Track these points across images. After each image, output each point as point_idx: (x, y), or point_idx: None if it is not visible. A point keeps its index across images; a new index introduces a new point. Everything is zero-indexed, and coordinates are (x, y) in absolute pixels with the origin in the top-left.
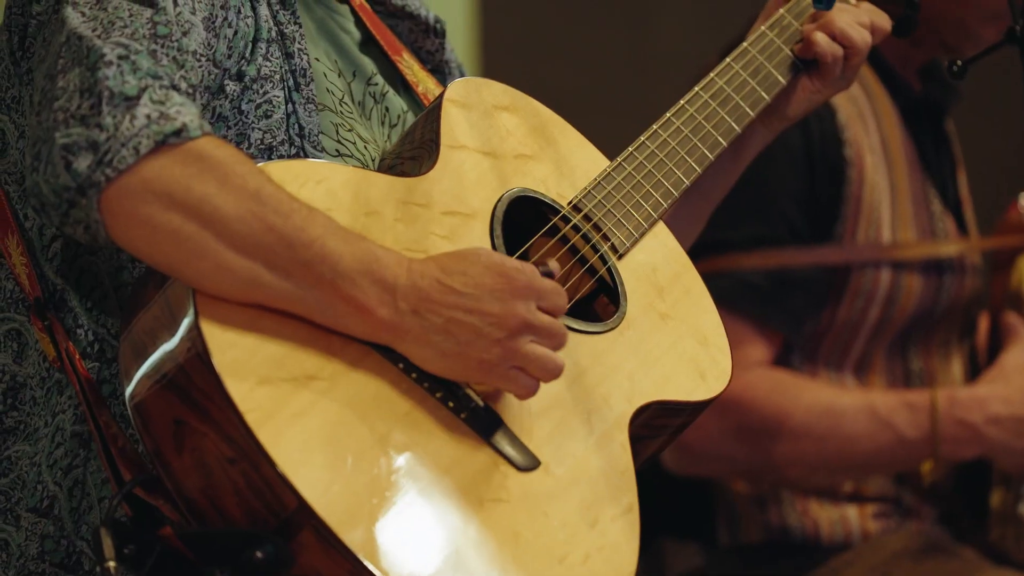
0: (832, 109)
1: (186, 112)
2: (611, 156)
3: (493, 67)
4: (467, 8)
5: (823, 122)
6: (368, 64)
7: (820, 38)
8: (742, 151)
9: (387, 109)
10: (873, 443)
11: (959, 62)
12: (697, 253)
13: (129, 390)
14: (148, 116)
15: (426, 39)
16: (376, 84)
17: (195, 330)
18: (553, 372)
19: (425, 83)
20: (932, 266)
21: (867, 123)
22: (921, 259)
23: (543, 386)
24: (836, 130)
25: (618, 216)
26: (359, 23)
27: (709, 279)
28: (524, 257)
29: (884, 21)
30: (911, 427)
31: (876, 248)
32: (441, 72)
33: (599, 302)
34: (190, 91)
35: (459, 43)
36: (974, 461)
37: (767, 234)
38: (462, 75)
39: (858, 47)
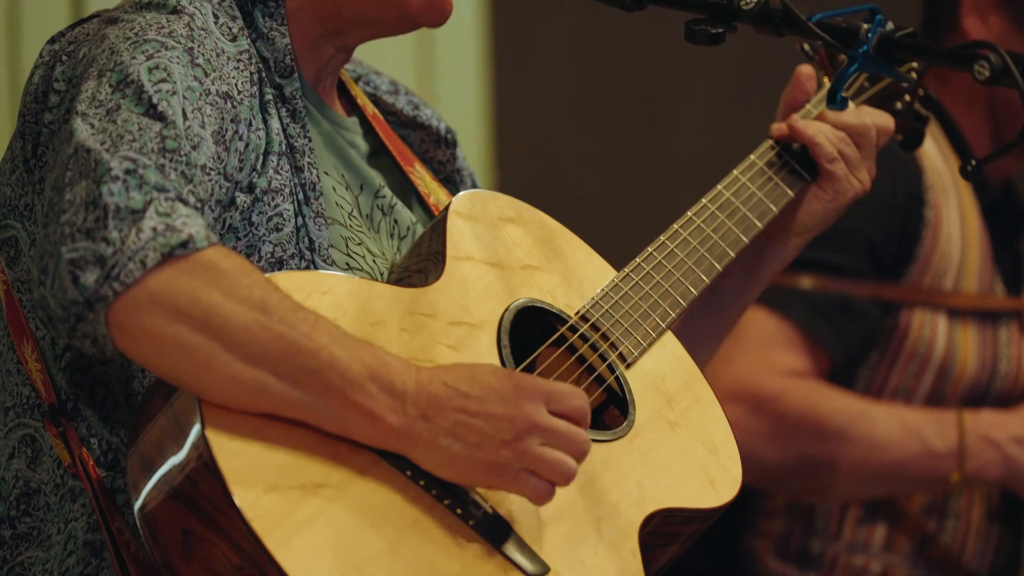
0: (920, 169)
1: (192, 224)
2: (628, 261)
3: (508, 174)
4: (481, 113)
5: (910, 177)
6: (376, 177)
7: (818, 134)
8: (761, 268)
9: (396, 221)
10: (902, 452)
11: (973, 162)
12: None
13: (137, 502)
14: (154, 229)
15: (437, 149)
16: (384, 197)
17: (202, 440)
18: (565, 475)
19: (437, 194)
20: (989, 353)
21: (950, 198)
22: (978, 351)
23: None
24: (921, 189)
25: (626, 325)
26: (369, 134)
27: (769, 290)
28: (531, 367)
29: (887, 121)
30: (939, 439)
31: (934, 293)
32: (453, 182)
33: (608, 412)
34: (198, 205)
35: (473, 150)
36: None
37: (835, 263)
38: (474, 184)
39: (856, 128)
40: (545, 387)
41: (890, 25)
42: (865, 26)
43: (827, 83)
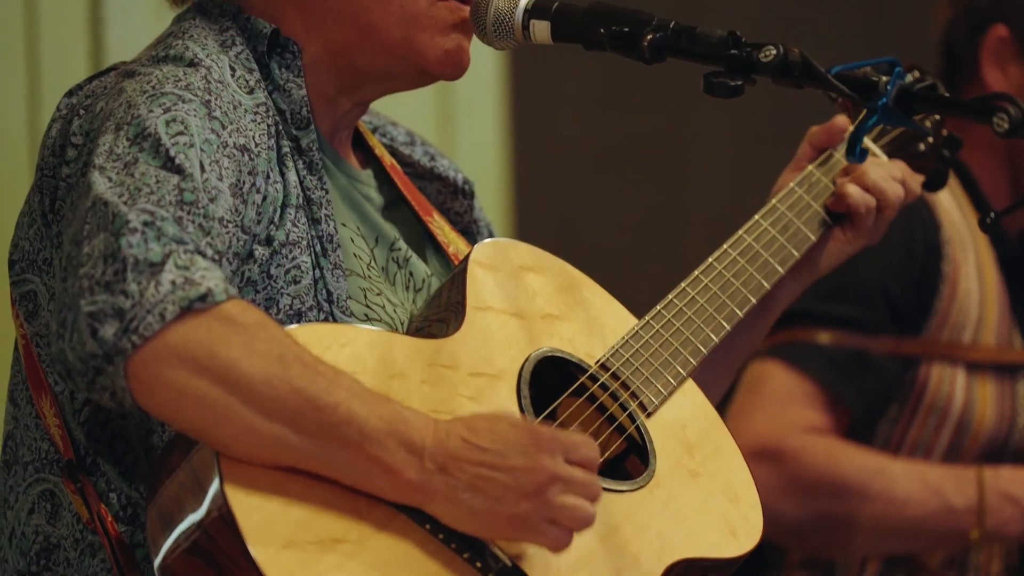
0: (937, 223)
1: (211, 276)
2: (647, 312)
3: (527, 225)
4: (500, 163)
5: (928, 231)
6: (391, 230)
7: (853, 190)
8: (771, 305)
9: (411, 274)
10: (921, 508)
11: (992, 214)
12: (780, 321)
13: (157, 557)
14: (173, 282)
15: (454, 200)
16: (399, 250)
17: (220, 495)
18: (585, 521)
19: (456, 244)
20: (1007, 407)
21: (968, 251)
22: (996, 406)
23: (573, 544)
24: (939, 243)
25: (646, 374)
26: (385, 185)
27: (787, 346)
28: (551, 416)
29: (915, 183)
30: (959, 495)
31: (953, 346)
32: (470, 233)
33: (629, 461)
34: (216, 257)
35: (493, 201)
36: None
37: (855, 318)
38: (491, 235)
39: (890, 200)
40: (561, 438)
41: (909, 77)
42: (884, 78)
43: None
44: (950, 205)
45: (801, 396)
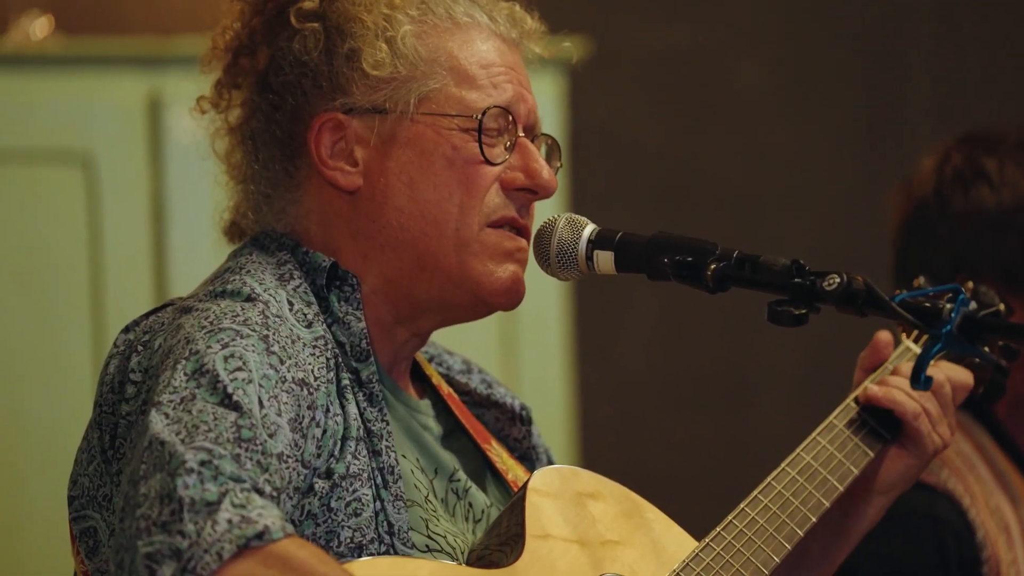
0: (972, 528)
1: (268, 514)
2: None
3: (591, 453)
4: (564, 394)
5: (961, 543)
6: (450, 460)
7: (896, 392)
8: (846, 531)
9: (470, 505)
10: None
11: None
12: None
13: None
14: (230, 521)
15: (512, 427)
16: (459, 480)
17: None
18: None
19: (514, 471)
20: None
21: (1011, 534)
22: None
23: None
24: (974, 550)
25: None
26: (442, 415)
27: None
28: None
29: (964, 376)
30: None
31: None
32: (529, 459)
33: None
34: (274, 494)
35: (555, 430)
36: None
37: None
38: (550, 460)
39: (935, 389)
40: None
41: (973, 304)
42: (948, 306)
43: (904, 339)
44: (986, 479)
45: None
